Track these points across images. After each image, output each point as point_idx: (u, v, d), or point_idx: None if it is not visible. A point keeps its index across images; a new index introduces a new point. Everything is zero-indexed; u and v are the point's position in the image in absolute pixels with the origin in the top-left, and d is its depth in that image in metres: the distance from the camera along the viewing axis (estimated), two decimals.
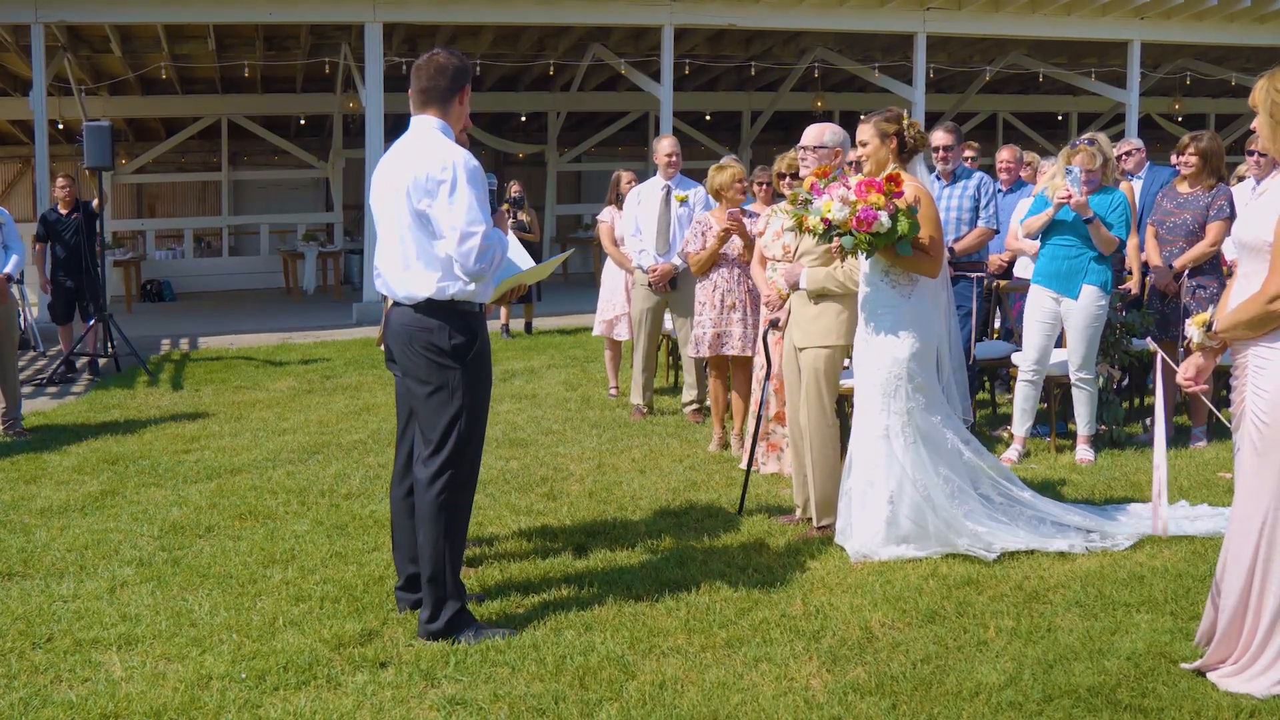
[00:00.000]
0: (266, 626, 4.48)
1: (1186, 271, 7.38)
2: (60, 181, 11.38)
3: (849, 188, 5.09)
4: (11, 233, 8.60)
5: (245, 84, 19.39)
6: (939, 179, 7.65)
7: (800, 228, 5.33)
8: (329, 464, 7.21)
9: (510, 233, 4.92)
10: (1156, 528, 5.39)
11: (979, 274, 7.64)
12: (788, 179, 6.69)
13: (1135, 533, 5.42)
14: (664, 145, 8.63)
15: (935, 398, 5.32)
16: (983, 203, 7.61)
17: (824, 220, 5.11)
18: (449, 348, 4.32)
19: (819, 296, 5.56)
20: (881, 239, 5.04)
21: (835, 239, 5.17)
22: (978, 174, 7.75)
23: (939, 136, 7.64)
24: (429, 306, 4.32)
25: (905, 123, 5.33)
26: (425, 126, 4.39)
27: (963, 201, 7.60)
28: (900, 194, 5.06)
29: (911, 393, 5.24)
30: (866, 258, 5.27)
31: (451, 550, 4.36)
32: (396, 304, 4.43)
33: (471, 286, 4.31)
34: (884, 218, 4.98)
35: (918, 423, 5.24)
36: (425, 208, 4.25)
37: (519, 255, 4.88)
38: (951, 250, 7.41)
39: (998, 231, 7.72)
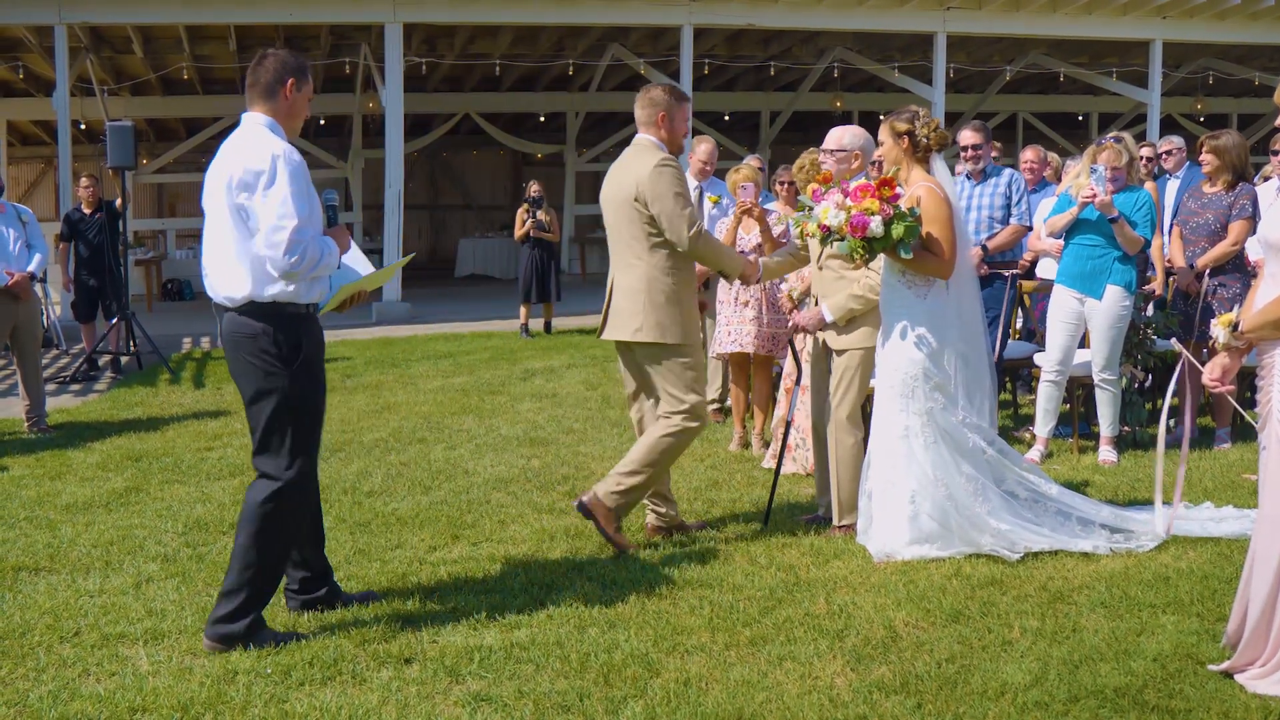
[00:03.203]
0: (291, 622, 4.49)
1: (1208, 271, 7.34)
2: (84, 181, 11.45)
3: (846, 194, 5.15)
4: (35, 232, 8.66)
5: None
6: (969, 178, 7.60)
7: (801, 234, 5.43)
8: (351, 462, 7.24)
9: (353, 245, 4.71)
10: (1159, 527, 5.38)
11: (1013, 272, 7.59)
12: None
13: (1159, 533, 5.40)
14: (701, 150, 8.52)
15: (954, 397, 5.29)
16: (1014, 200, 7.55)
17: (822, 226, 5.20)
18: (274, 352, 4.18)
19: (849, 319, 5.56)
20: (878, 244, 5.09)
21: (833, 244, 5.25)
22: (1008, 171, 7.68)
23: (966, 136, 7.59)
24: (252, 308, 4.18)
25: (919, 122, 5.32)
26: (252, 122, 4.29)
27: (994, 200, 7.53)
28: (895, 198, 5.07)
29: (929, 392, 5.22)
30: (869, 261, 5.30)
31: (266, 561, 4.24)
32: (222, 308, 4.27)
33: (290, 287, 4.15)
34: (875, 223, 5.03)
35: (939, 422, 5.23)
36: (243, 201, 4.13)
37: (359, 262, 4.67)
38: (985, 248, 7.38)
39: (1030, 228, 7.67)
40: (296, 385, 4.24)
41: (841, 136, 5.79)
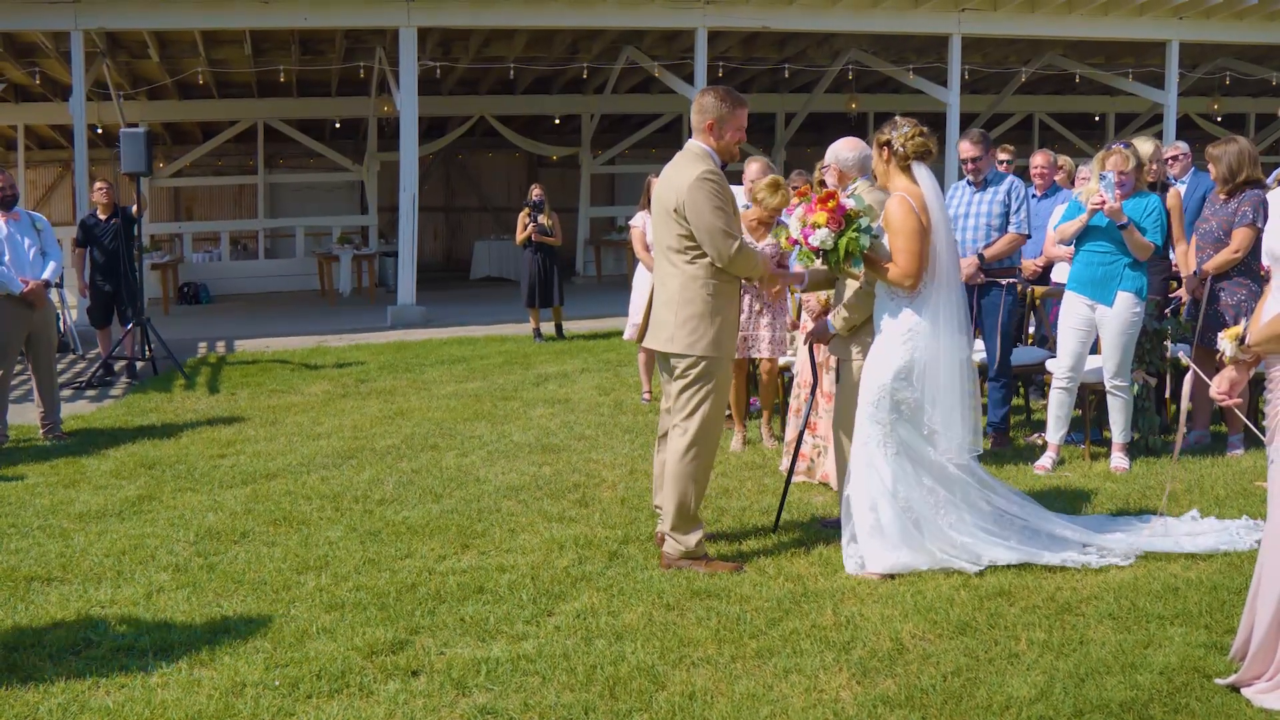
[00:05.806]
0: (299, 634, 4.52)
1: (1210, 276, 7.30)
2: (99, 186, 11.51)
3: (808, 208, 5.26)
4: (50, 238, 8.71)
5: (281, 88, 19.55)
6: (971, 185, 7.56)
7: (783, 247, 5.54)
8: (363, 469, 7.26)
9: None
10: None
11: (1010, 280, 7.54)
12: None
13: (1132, 548, 5.32)
14: (752, 169, 7.87)
15: (920, 408, 5.24)
16: (1013, 207, 7.47)
17: (790, 240, 5.34)
18: None
19: (853, 327, 5.58)
20: (831, 255, 5.18)
21: (800, 258, 5.40)
22: (1008, 178, 7.63)
23: (965, 148, 7.53)
24: None
25: (896, 131, 5.31)
26: None
27: (992, 207, 7.45)
28: (841, 210, 5.14)
29: (894, 404, 5.20)
30: (834, 269, 5.36)
31: None
32: None
33: None
34: (818, 235, 5.12)
35: (900, 434, 5.19)
36: None
37: None
38: (982, 257, 7.34)
39: (1029, 236, 7.61)
40: None
41: (828, 151, 6.00)
